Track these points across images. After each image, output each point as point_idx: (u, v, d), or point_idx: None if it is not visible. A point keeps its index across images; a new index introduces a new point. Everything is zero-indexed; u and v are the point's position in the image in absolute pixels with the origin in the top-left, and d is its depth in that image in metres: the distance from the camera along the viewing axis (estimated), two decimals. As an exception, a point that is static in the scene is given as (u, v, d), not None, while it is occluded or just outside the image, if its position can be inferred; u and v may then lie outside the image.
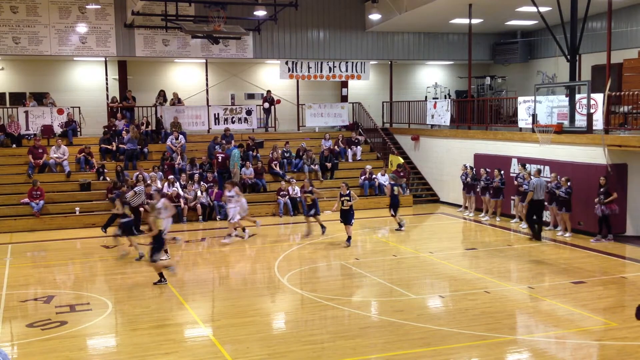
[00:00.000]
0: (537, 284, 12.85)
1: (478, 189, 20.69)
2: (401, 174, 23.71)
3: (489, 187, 20.19)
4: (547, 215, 18.70)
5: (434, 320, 10.68)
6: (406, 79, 30.31)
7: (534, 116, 17.63)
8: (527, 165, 19.35)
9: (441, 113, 24.69)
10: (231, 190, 17.50)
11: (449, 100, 25.60)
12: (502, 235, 18.32)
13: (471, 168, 21.25)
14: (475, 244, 17.65)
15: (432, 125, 25.45)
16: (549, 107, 18.47)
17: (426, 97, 28.63)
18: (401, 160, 24.51)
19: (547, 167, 18.86)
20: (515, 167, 20.04)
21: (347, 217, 16.80)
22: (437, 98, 27.77)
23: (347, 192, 16.84)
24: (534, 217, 17.37)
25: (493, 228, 19.27)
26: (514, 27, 27.04)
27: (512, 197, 19.80)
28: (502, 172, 20.04)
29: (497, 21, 25.79)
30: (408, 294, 12.16)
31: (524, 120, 20.35)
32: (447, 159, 23.89)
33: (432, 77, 30.29)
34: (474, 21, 23.83)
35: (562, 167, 18.28)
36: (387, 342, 9.61)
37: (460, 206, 22.34)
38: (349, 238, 16.74)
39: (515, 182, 19.29)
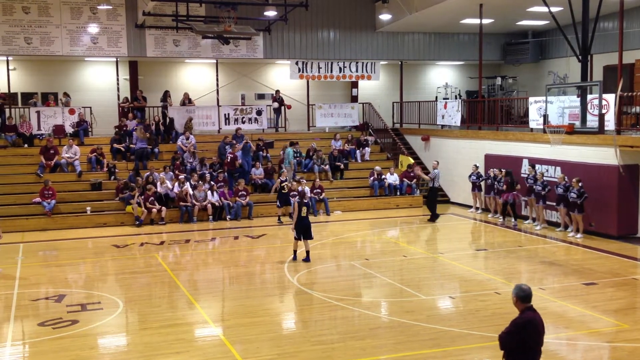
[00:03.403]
0: (548, 285, 12.81)
1: (495, 189, 20.56)
2: (411, 174, 23.69)
3: (499, 188, 20.10)
4: (557, 217, 18.62)
5: (444, 321, 10.65)
6: (416, 79, 30.26)
7: (545, 117, 17.55)
8: (537, 166, 19.29)
9: (452, 113, 24.63)
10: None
11: (460, 100, 25.53)
12: (512, 236, 18.25)
13: (502, 170, 20.60)
14: (485, 244, 17.62)
15: (443, 126, 25.39)
16: (560, 107, 18.36)
17: (436, 97, 28.56)
18: (411, 161, 24.46)
19: (558, 168, 18.77)
20: (525, 168, 19.96)
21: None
22: (448, 98, 27.68)
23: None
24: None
25: (504, 229, 19.19)
26: (525, 27, 26.92)
27: (524, 198, 19.71)
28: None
29: (508, 21, 25.69)
30: (418, 295, 12.14)
31: (535, 120, 20.26)
32: (458, 159, 23.81)
33: (443, 78, 30.20)
34: (485, 21, 23.75)
35: (574, 168, 18.19)
36: (397, 342, 9.60)
37: (470, 207, 22.28)
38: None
39: (527, 183, 19.22)
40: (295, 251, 15.12)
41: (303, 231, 14.77)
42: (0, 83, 23.56)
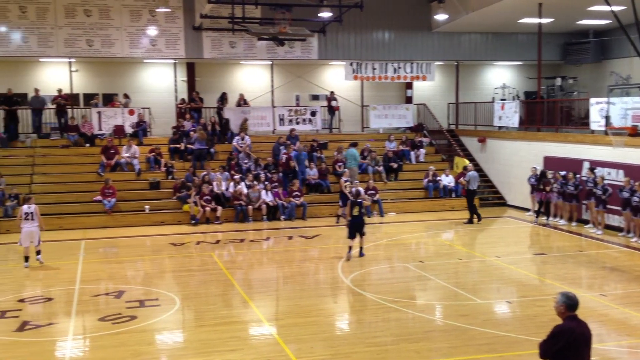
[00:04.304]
0: (609, 291, 12.43)
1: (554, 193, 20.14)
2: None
3: (565, 191, 19.64)
4: (620, 221, 18.08)
5: (500, 326, 10.46)
6: (473, 80, 29.86)
7: (607, 118, 17.11)
8: (597, 169, 18.77)
9: (509, 114, 24.19)
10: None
11: (518, 101, 25.06)
12: (573, 240, 17.80)
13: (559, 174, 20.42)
14: (544, 249, 17.24)
15: (500, 127, 24.96)
16: (622, 108, 17.86)
17: (493, 98, 28.10)
18: (467, 162, 24.10)
19: (620, 171, 18.22)
20: (586, 171, 19.45)
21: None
22: (505, 99, 27.21)
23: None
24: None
25: (564, 233, 18.74)
26: (586, 26, 26.24)
27: (584, 202, 19.22)
28: (578, 175, 19.48)
29: (568, 20, 25.09)
30: (474, 299, 11.96)
31: (596, 122, 19.74)
32: (515, 161, 23.36)
33: (500, 78, 29.72)
34: (544, 20, 23.26)
35: (637, 170, 17.62)
36: (451, 346, 9.48)
37: (528, 209, 21.83)
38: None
39: (586, 187, 18.74)
40: (350, 247, 15.28)
41: (355, 229, 15.01)
42: (63, 84, 24.27)
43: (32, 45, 23.11)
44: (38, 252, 15.15)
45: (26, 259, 14.97)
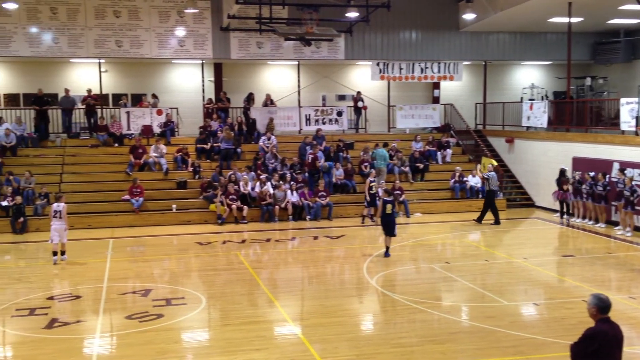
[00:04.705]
0: (638, 293, 12.22)
1: (583, 194, 19.90)
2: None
3: (594, 192, 19.39)
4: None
5: (527, 328, 10.35)
6: (501, 80, 29.60)
7: (638, 118, 16.82)
8: (627, 170, 18.48)
9: (538, 115, 23.93)
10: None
11: (547, 101, 24.77)
12: (601, 242, 17.55)
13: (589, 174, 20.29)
14: (572, 250, 17.03)
15: (528, 127, 24.71)
16: (654, 109, 17.57)
17: (522, 98, 27.83)
18: (495, 163, 23.87)
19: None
20: (616, 172, 19.17)
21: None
22: (534, 99, 26.92)
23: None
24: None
25: (592, 235, 18.50)
26: (617, 25, 25.83)
27: (614, 203, 18.94)
28: (608, 176, 19.21)
29: (598, 20, 24.73)
30: (500, 300, 11.86)
31: (626, 122, 19.44)
32: (543, 162, 23.10)
33: (529, 78, 29.42)
34: (574, 20, 22.96)
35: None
36: (477, 348, 9.41)
37: (556, 211, 21.57)
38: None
39: (617, 188, 18.47)
40: (387, 247, 15.51)
41: (385, 227, 15.29)
42: (92, 85, 24.59)
43: (63, 46, 23.45)
44: (62, 252, 15.42)
45: (54, 253, 15.31)
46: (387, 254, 15.39)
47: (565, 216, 20.74)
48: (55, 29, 23.32)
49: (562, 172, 20.71)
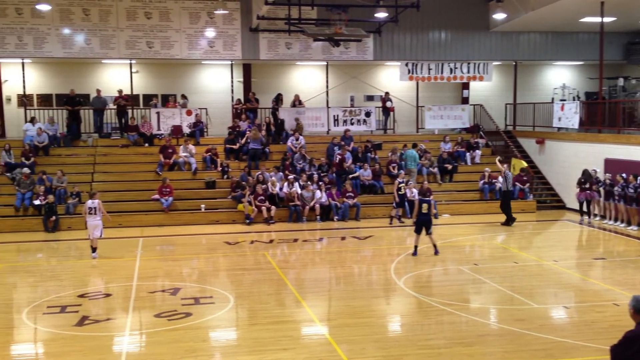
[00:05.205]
0: (672, 298, 12.00)
1: (615, 196, 19.60)
2: (524, 178, 22.95)
3: (626, 194, 19.08)
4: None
5: (557, 331, 10.22)
6: (531, 80, 29.28)
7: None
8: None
9: (569, 115, 23.61)
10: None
11: (578, 102, 24.44)
12: (634, 245, 17.25)
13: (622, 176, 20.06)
14: (604, 253, 16.77)
15: (559, 128, 24.40)
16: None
17: (552, 98, 27.50)
18: (524, 164, 23.65)
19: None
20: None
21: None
22: (565, 100, 26.58)
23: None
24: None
25: (624, 237, 18.20)
26: (651, 25, 25.43)
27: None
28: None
29: (631, 19, 24.33)
30: (530, 303, 11.72)
31: (660, 123, 19.10)
32: (575, 163, 22.77)
33: (560, 78, 29.07)
34: (606, 19, 22.62)
35: None
36: (506, 351, 9.31)
37: (587, 213, 21.26)
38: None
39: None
40: (415, 246, 15.60)
41: (423, 226, 15.48)
42: (123, 85, 24.90)
43: (95, 47, 23.79)
44: (94, 250, 15.71)
45: (93, 249, 15.68)
46: (436, 252, 15.57)
47: (585, 217, 20.68)
48: (88, 30, 23.67)
49: (585, 173, 20.63)
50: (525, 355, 9.12)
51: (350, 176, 22.21)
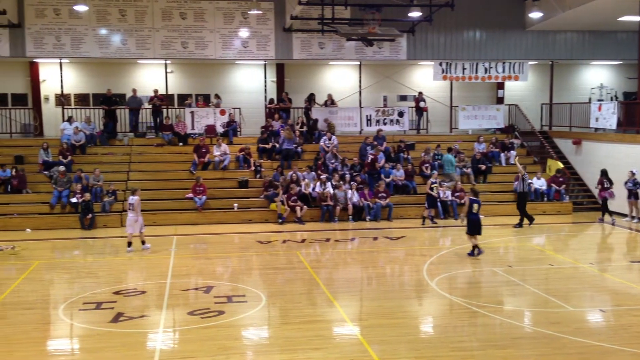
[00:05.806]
0: None
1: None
2: (560, 179, 22.61)
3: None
4: None
5: (593, 335, 10.05)
6: (568, 80, 28.85)
7: None
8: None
9: (607, 116, 23.19)
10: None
11: (616, 102, 23.99)
12: (673, 248, 16.89)
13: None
14: (641, 256, 16.45)
15: (596, 129, 23.98)
16: None
17: (590, 98, 27.06)
18: (560, 165, 23.32)
19: None
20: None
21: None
22: (603, 100, 26.13)
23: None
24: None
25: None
26: (692, 23, 24.81)
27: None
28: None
29: (671, 17, 23.81)
30: (565, 306, 11.54)
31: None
32: (612, 164, 22.33)
33: (597, 78, 28.59)
34: (646, 18, 22.20)
35: None
36: (540, 354, 9.19)
37: (626, 215, 20.87)
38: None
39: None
40: (474, 246, 15.52)
41: (471, 226, 15.44)
42: (158, 85, 25.19)
43: (131, 47, 24.11)
44: (143, 242, 16.31)
45: (129, 244, 16.14)
46: (474, 253, 15.38)
47: (606, 216, 20.66)
48: (124, 30, 24.00)
49: (604, 173, 20.76)
50: (560, 359, 8.99)
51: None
